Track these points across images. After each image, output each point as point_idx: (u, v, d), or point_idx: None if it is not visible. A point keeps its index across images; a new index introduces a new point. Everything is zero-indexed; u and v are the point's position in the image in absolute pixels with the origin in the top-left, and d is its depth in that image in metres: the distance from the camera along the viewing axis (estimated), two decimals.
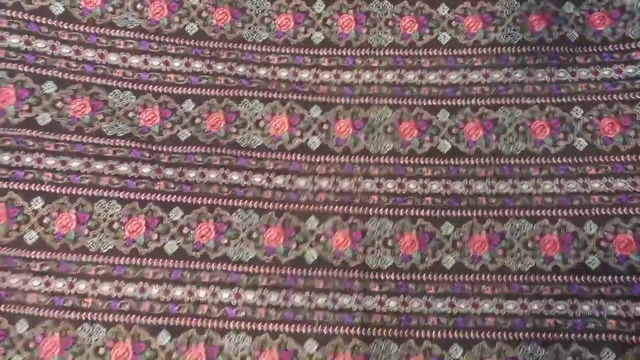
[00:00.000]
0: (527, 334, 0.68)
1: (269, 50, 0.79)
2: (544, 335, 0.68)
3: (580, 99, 0.76)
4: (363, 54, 0.80)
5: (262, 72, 0.79)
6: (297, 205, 0.73)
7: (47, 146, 0.73)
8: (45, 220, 0.70)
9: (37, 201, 0.71)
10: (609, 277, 0.70)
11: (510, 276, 0.71)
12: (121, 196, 0.72)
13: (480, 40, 0.80)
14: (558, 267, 0.71)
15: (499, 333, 0.68)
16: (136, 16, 0.78)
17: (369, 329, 0.68)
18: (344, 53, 0.80)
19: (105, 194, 0.72)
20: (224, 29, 0.80)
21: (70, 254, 0.69)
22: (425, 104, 0.78)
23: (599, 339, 0.67)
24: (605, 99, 0.76)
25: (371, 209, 0.73)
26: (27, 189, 0.71)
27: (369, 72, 0.79)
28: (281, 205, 0.73)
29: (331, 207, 0.73)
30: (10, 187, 0.70)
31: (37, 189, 0.71)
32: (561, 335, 0.67)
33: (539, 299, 0.69)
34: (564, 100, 0.77)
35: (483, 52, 0.80)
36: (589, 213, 0.72)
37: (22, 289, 0.67)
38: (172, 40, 0.78)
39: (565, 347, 0.67)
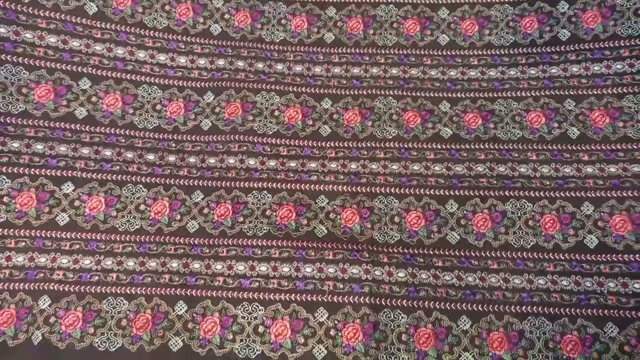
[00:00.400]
0: (534, 307, 0.67)
1: (285, 49, 0.83)
2: (551, 309, 0.67)
3: (572, 92, 0.78)
4: (370, 52, 0.83)
5: (279, 67, 0.82)
6: (307, 185, 0.74)
7: (83, 137, 0.75)
8: (76, 203, 0.71)
9: (68, 185, 0.72)
10: (608, 256, 0.69)
11: (513, 252, 0.71)
12: (147, 181, 0.74)
13: (476, 42, 0.83)
14: (559, 245, 0.70)
15: (507, 306, 0.67)
16: (164, 16, 0.82)
17: (378, 298, 0.67)
18: (353, 51, 0.83)
19: (133, 179, 0.73)
20: (245, 30, 0.84)
21: (99, 234, 0.70)
22: (427, 95, 0.80)
23: (602, 314, 0.66)
24: (595, 92, 0.78)
25: (378, 188, 0.74)
26: (58, 174, 0.72)
27: (376, 67, 0.82)
28: (293, 185, 0.74)
29: (340, 186, 0.74)
30: (42, 173, 0.72)
31: (68, 175, 0.72)
32: (567, 309, 0.66)
33: (544, 274, 0.69)
34: (557, 92, 0.79)
35: (478, 53, 0.83)
36: (584, 195, 0.73)
37: (50, 267, 0.68)
38: (197, 40, 0.82)
39: (572, 322, 0.66)
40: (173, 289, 0.68)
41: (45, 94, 0.75)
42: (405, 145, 0.77)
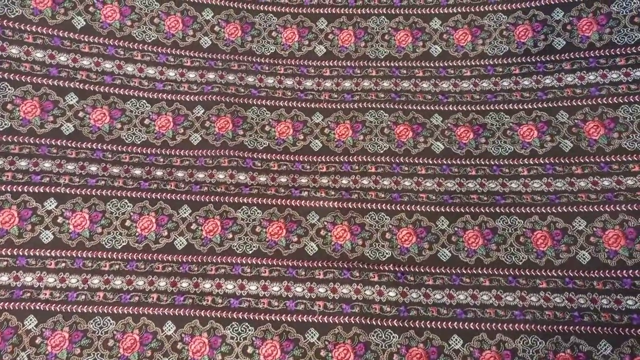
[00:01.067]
0: (527, 325, 0.65)
1: (276, 62, 0.81)
2: (544, 327, 0.65)
3: (565, 104, 0.76)
4: (361, 64, 0.81)
5: (270, 81, 0.80)
6: (298, 201, 0.72)
7: (69, 153, 0.72)
8: (59, 220, 0.69)
9: (50, 202, 0.69)
10: (600, 272, 0.67)
11: (505, 269, 0.69)
12: (133, 195, 0.71)
13: (469, 52, 0.81)
14: (551, 262, 0.68)
15: (499, 324, 0.65)
16: (153, 29, 0.79)
17: (369, 318, 0.65)
18: (344, 64, 0.81)
19: (118, 194, 0.71)
20: (235, 42, 0.81)
21: (86, 251, 0.68)
22: (419, 108, 0.78)
23: (595, 332, 0.64)
24: (590, 102, 0.75)
25: (369, 204, 0.72)
26: (41, 191, 0.69)
27: (367, 80, 0.79)
28: (283, 200, 0.72)
29: (331, 202, 0.72)
30: (24, 190, 0.69)
31: (51, 191, 0.69)
32: (560, 327, 0.65)
33: (536, 291, 0.67)
34: (550, 104, 0.76)
35: (471, 64, 0.80)
36: (577, 210, 0.71)
37: (36, 286, 0.65)
38: (187, 53, 0.79)
39: (565, 339, 0.64)
40: (161, 308, 0.66)
41: (31, 110, 0.73)
42: (397, 160, 0.75)
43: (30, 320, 0.64)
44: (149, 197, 0.71)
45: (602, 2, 0.78)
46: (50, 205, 0.69)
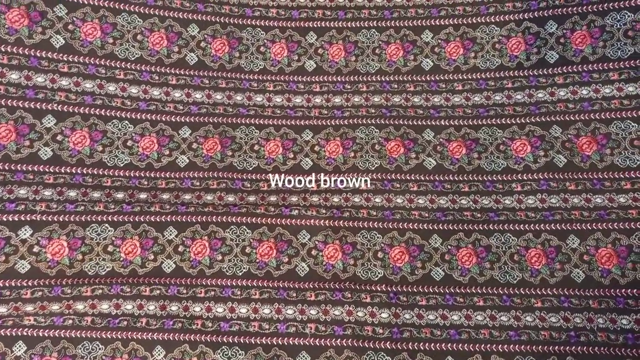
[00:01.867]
0: (522, 346, 0.68)
1: (264, 78, 0.83)
2: (539, 347, 0.68)
3: (558, 118, 0.79)
4: (352, 79, 0.84)
5: (259, 99, 0.82)
6: (288, 220, 0.75)
7: (46, 179, 0.73)
8: (35, 249, 0.70)
9: (25, 230, 0.70)
10: (595, 290, 0.71)
11: (499, 288, 0.72)
12: (114, 219, 0.72)
13: (461, 65, 0.84)
14: (546, 280, 0.71)
15: (493, 345, 0.68)
16: (137, 46, 0.81)
17: (361, 340, 0.68)
18: (335, 79, 0.84)
19: (98, 219, 0.72)
20: (223, 58, 0.84)
21: (67, 279, 0.69)
22: (410, 123, 0.81)
23: (592, 352, 0.67)
24: (582, 117, 0.78)
25: (361, 222, 0.75)
26: (15, 219, 0.70)
27: (357, 95, 0.82)
28: (273, 220, 0.75)
29: (322, 220, 0.75)
30: None
31: (26, 219, 0.70)
32: (556, 347, 0.67)
33: (532, 311, 0.70)
34: (543, 119, 0.79)
35: (463, 78, 0.83)
36: (570, 227, 0.74)
37: (15, 314, 0.67)
38: (172, 71, 0.81)
39: None
40: (150, 333, 0.68)
41: (5, 135, 0.74)
42: (389, 177, 0.77)
43: (20, 346, 0.66)
44: (131, 220, 0.73)
45: (596, 14, 0.81)
46: (24, 234, 0.70)
